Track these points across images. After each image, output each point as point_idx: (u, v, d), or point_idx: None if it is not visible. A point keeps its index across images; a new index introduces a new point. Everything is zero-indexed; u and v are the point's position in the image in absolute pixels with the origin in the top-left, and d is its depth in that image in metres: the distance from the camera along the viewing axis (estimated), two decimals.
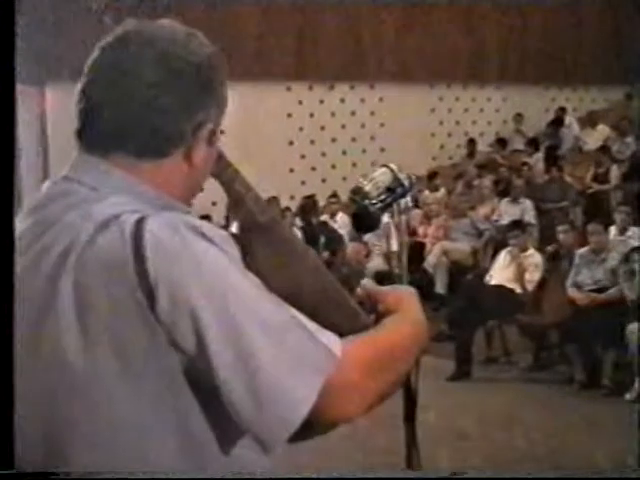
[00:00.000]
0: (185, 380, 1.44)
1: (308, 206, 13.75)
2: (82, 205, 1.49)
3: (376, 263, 12.51)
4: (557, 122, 16.79)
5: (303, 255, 1.75)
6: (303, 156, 15.95)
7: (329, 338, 1.49)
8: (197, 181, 1.66)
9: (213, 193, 2.21)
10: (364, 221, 2.22)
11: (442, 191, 14.36)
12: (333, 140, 16.26)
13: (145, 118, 1.54)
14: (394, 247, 8.50)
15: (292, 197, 15.16)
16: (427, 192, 14.50)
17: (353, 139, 16.42)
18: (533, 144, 15.93)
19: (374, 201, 2.20)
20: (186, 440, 1.46)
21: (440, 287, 11.85)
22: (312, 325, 1.50)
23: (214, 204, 12.69)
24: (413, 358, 1.73)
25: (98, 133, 1.56)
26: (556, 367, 8.81)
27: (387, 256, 12.73)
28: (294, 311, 1.50)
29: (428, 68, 16.12)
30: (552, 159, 14.60)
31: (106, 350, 1.41)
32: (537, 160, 15.09)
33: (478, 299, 9.16)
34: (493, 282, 9.46)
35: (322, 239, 12.33)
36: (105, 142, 1.55)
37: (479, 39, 16.73)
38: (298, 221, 13.50)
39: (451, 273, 11.89)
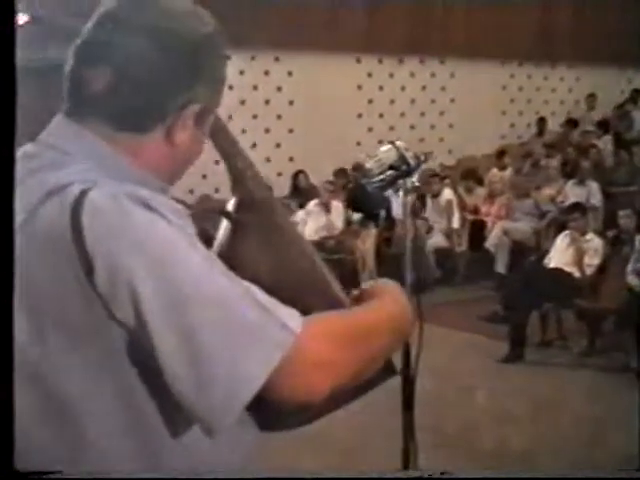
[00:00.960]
0: (128, 357, 1.40)
1: None
2: (43, 170, 1.46)
3: (437, 240, 12.41)
4: (629, 104, 16.48)
5: (294, 238, 1.73)
6: (371, 129, 15.83)
7: (287, 312, 1.43)
8: (181, 161, 1.62)
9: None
10: (360, 200, 2.17)
11: (509, 170, 14.18)
12: (402, 114, 16.13)
13: (124, 91, 1.49)
14: (455, 224, 8.58)
15: None
16: (495, 170, 14.34)
17: (422, 114, 16.28)
18: (603, 126, 15.66)
19: (374, 179, 2.14)
20: (132, 420, 1.42)
21: (500, 267, 11.74)
22: (269, 300, 1.44)
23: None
24: (389, 342, 1.66)
25: (79, 98, 1.53)
26: (611, 354, 8.64)
27: (448, 233, 12.70)
28: (249, 285, 1.44)
29: (500, 45, 15.84)
30: (621, 142, 14.33)
31: (49, 325, 1.38)
32: (606, 142, 14.83)
33: (535, 281, 9.01)
34: (552, 265, 9.31)
35: (382, 213, 12.20)
36: (85, 109, 1.52)
37: (553, 16, 16.42)
38: None
39: (512, 253, 11.77)
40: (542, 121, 16.64)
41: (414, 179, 2.26)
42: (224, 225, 1.73)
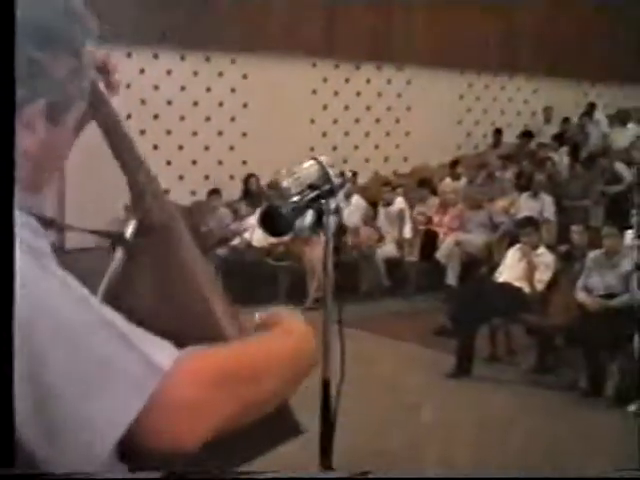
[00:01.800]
0: None
1: None
2: None
3: (388, 249, 12.27)
4: (584, 117, 16.51)
5: (189, 264, 1.54)
6: (325, 134, 15.67)
7: (157, 346, 1.23)
8: (38, 166, 1.36)
9: None
10: (273, 223, 1.96)
11: (462, 180, 14.07)
12: (357, 120, 15.98)
13: None
14: (407, 234, 8.38)
15: None
16: (447, 180, 14.23)
17: (377, 120, 16.14)
18: (559, 139, 15.63)
19: (293, 199, 1.95)
20: None
21: (451, 278, 11.58)
22: (137, 331, 1.23)
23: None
24: (278, 381, 1.42)
25: None
26: (560, 371, 8.48)
27: (399, 243, 12.55)
28: (113, 315, 1.23)
29: (459, 53, 15.75)
30: (576, 155, 14.30)
31: None
32: (562, 155, 14.78)
33: (483, 295, 8.86)
34: (502, 279, 9.14)
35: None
36: None
37: (513, 27, 16.36)
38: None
39: (464, 265, 11.63)
40: (498, 132, 16.61)
41: (339, 199, 2.06)
42: (119, 250, 1.53)
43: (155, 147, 13.99)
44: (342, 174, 2.07)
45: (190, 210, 14.13)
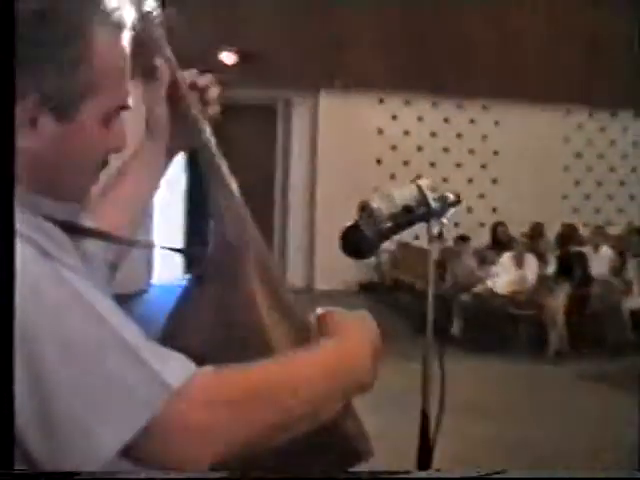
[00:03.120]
0: None
1: (567, 233, 13.15)
2: None
3: (635, 301, 11.86)
4: None
5: (246, 287, 1.51)
6: (578, 183, 15.40)
7: (171, 364, 1.21)
8: (64, 165, 1.30)
9: None
10: (355, 244, 1.91)
11: None
12: (611, 169, 15.60)
13: None
14: None
15: None
16: None
17: (611, 169, 15.66)
18: None
19: (385, 223, 1.91)
20: None
21: None
22: (151, 347, 1.22)
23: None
24: (307, 398, 1.32)
25: None
26: None
27: None
28: (128, 327, 1.21)
29: None
30: None
31: None
32: None
33: None
34: None
35: (578, 271, 11.76)
36: None
37: None
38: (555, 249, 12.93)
39: None
40: None
41: (443, 222, 2.01)
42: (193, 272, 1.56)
43: None
44: (444, 198, 2.03)
45: (440, 255, 14.18)
